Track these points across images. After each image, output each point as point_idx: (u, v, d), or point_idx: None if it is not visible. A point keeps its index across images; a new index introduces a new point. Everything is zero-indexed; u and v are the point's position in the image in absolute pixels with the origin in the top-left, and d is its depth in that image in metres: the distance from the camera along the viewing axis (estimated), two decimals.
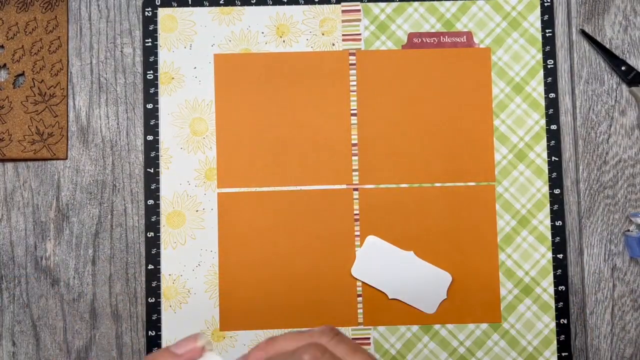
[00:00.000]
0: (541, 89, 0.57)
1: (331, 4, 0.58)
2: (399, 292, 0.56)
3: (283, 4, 0.58)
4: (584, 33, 0.53)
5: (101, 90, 0.57)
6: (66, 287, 0.56)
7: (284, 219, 0.56)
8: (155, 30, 0.57)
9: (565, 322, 0.56)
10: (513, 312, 0.56)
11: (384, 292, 0.56)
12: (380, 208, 0.57)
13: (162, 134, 0.57)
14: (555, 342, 0.56)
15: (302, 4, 0.58)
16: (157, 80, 0.57)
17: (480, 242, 0.56)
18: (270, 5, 0.58)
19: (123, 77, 0.57)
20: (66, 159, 0.57)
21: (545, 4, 0.58)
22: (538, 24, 0.58)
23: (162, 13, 0.58)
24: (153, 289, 0.56)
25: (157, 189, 0.56)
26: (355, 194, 0.57)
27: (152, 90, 0.57)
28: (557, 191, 0.57)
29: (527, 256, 0.56)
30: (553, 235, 0.56)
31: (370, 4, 0.58)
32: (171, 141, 0.57)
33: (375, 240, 0.56)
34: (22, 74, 0.57)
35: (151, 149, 0.57)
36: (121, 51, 0.58)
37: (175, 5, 0.58)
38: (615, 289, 0.56)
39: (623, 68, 0.54)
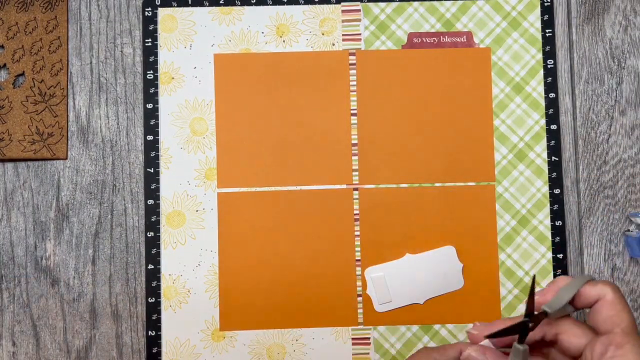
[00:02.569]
0: (541, 88, 0.57)
1: (331, 4, 0.58)
2: (425, 292, 0.56)
3: (283, 4, 0.58)
4: None
5: (101, 90, 0.57)
6: (66, 287, 0.56)
7: (284, 219, 0.56)
8: (155, 30, 0.57)
9: None
10: (513, 312, 0.56)
11: (416, 303, 0.56)
12: (380, 208, 0.57)
13: (162, 134, 0.57)
14: None
15: (302, 4, 0.58)
16: (157, 80, 0.57)
17: (480, 242, 0.56)
18: (270, 5, 0.58)
19: (123, 77, 0.57)
20: (66, 159, 0.57)
21: (545, 4, 0.58)
22: (538, 24, 0.58)
23: (162, 13, 0.58)
24: (153, 289, 0.56)
25: (157, 189, 0.56)
26: (355, 194, 0.57)
27: (152, 90, 0.57)
28: (557, 191, 0.57)
29: (527, 256, 0.56)
30: (553, 235, 0.56)
31: (370, 4, 0.58)
32: (171, 141, 0.57)
33: (373, 272, 0.56)
34: (22, 74, 0.57)
35: (151, 149, 0.57)
36: (121, 51, 0.58)
37: (175, 5, 0.58)
38: None
39: None
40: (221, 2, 0.58)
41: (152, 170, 0.56)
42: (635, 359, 0.38)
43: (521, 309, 0.56)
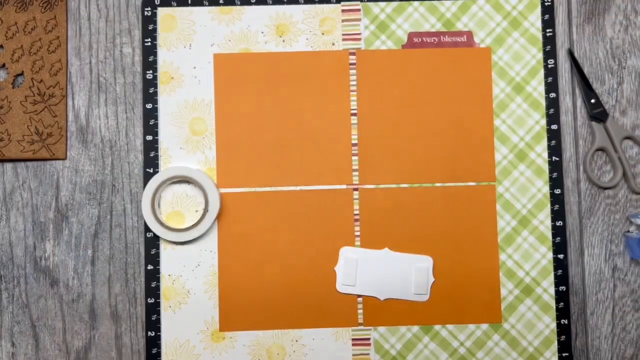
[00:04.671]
0: (542, 88, 0.57)
1: (331, 3, 0.58)
2: (389, 291, 0.56)
3: (283, 3, 0.58)
4: (570, 53, 0.54)
5: (100, 90, 0.57)
6: (65, 287, 0.56)
7: (284, 219, 0.56)
8: (154, 30, 0.57)
9: (566, 322, 0.56)
10: (514, 312, 0.56)
11: (375, 297, 0.56)
12: (380, 208, 0.56)
13: (162, 134, 0.57)
14: (555, 342, 0.56)
15: (302, 4, 0.58)
16: (156, 80, 0.57)
17: (480, 242, 0.56)
18: (270, 4, 0.58)
19: (122, 77, 0.57)
20: (65, 159, 0.56)
21: (546, 4, 0.58)
22: (538, 24, 0.58)
23: (162, 12, 0.57)
24: (152, 290, 0.55)
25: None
26: (355, 194, 0.57)
27: (151, 90, 0.57)
28: (557, 191, 0.57)
29: (527, 256, 0.56)
30: (554, 236, 0.56)
31: (370, 4, 0.58)
32: (171, 141, 0.57)
33: (348, 252, 0.56)
34: (21, 74, 0.56)
35: (151, 149, 0.56)
36: (120, 51, 0.57)
37: (175, 4, 0.58)
38: (615, 289, 0.56)
39: (592, 101, 0.55)
40: (221, 1, 0.58)
41: (151, 170, 0.56)
42: None
43: (522, 309, 0.56)
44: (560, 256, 0.56)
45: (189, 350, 0.55)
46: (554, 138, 0.57)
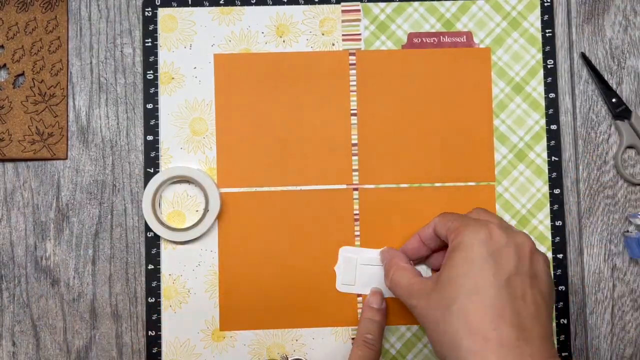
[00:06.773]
0: (541, 88, 0.57)
1: (331, 4, 0.58)
2: (388, 291, 0.55)
3: (283, 4, 0.58)
4: (584, 57, 0.54)
5: (101, 90, 0.57)
6: (66, 287, 0.56)
7: (284, 219, 0.56)
8: (155, 30, 0.57)
9: (565, 322, 0.56)
10: None
11: None
12: (380, 208, 0.57)
13: (162, 134, 0.57)
14: (555, 341, 0.56)
15: (302, 4, 0.58)
16: (157, 80, 0.57)
17: None
18: (270, 5, 0.58)
19: (123, 77, 0.57)
20: (66, 159, 0.57)
21: (545, 4, 0.58)
22: (538, 24, 0.58)
23: (162, 13, 0.58)
24: (153, 289, 0.56)
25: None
26: (355, 194, 0.57)
27: (152, 90, 0.57)
28: (557, 191, 0.57)
29: None
30: (553, 235, 0.56)
31: (370, 4, 0.58)
32: (171, 141, 0.57)
33: (347, 252, 0.56)
34: (22, 74, 0.57)
35: (151, 149, 0.57)
36: (121, 51, 0.58)
37: (175, 5, 0.58)
38: (615, 289, 0.56)
39: (613, 100, 0.55)
40: (221, 2, 0.58)
41: (152, 170, 0.56)
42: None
43: None
44: (560, 256, 0.56)
45: (190, 350, 0.55)
46: (554, 138, 0.57)
